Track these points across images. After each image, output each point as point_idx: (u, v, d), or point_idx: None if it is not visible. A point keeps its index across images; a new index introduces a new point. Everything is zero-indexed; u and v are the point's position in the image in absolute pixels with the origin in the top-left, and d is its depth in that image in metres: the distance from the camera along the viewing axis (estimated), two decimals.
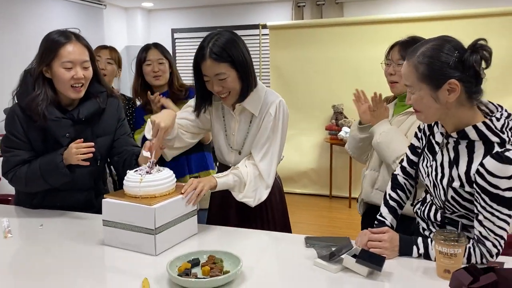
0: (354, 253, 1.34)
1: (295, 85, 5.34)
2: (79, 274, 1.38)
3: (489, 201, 1.28)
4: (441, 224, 1.46)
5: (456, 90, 1.28)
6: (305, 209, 4.96)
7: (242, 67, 1.68)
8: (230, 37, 1.68)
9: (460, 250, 1.25)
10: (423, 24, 4.71)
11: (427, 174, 1.47)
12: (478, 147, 1.32)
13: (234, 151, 1.87)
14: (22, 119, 1.82)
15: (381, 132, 1.90)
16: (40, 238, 1.68)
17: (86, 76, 1.82)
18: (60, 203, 1.94)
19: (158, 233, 1.48)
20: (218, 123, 1.89)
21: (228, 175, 1.72)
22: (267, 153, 1.77)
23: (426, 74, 1.30)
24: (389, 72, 2.00)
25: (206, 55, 1.64)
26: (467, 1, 5.00)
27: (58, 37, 1.80)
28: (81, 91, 1.82)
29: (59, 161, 1.75)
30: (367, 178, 2.06)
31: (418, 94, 1.33)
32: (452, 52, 1.28)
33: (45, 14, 4.76)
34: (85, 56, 1.83)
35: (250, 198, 1.74)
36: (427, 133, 1.51)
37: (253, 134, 1.80)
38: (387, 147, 1.87)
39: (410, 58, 1.34)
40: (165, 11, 6.34)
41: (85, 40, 1.87)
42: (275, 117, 1.77)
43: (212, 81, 1.69)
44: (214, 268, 1.30)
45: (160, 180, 1.55)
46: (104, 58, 2.60)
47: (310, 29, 5.29)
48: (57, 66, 1.77)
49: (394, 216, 1.59)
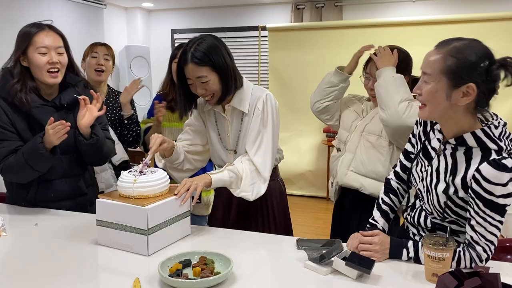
0: (344, 256, 1.36)
1: (294, 87, 5.35)
2: (71, 273, 1.39)
3: (483, 207, 1.29)
4: (431, 230, 1.47)
5: (471, 95, 1.27)
6: (301, 211, 4.97)
7: (222, 71, 1.73)
8: (211, 42, 1.72)
9: (448, 254, 1.26)
10: (422, 28, 4.72)
11: (421, 179, 1.47)
12: (476, 154, 1.32)
13: (231, 151, 1.89)
14: (7, 109, 1.86)
15: (391, 76, 1.92)
16: (34, 237, 1.69)
17: (61, 62, 1.88)
18: (54, 193, 1.97)
19: (150, 234, 1.49)
20: (212, 128, 1.93)
21: (223, 171, 1.74)
22: (260, 147, 1.80)
23: (452, 68, 1.27)
24: (369, 87, 2.04)
25: (188, 59, 1.70)
26: (467, 5, 5.03)
27: (31, 27, 1.88)
28: (58, 77, 1.89)
29: (38, 143, 1.79)
30: (344, 161, 2.11)
31: (434, 85, 1.30)
32: (484, 58, 1.26)
33: (45, 14, 4.77)
34: (59, 43, 1.89)
35: (248, 192, 1.75)
36: (423, 139, 1.51)
37: (245, 132, 1.84)
38: (393, 91, 1.88)
39: (441, 48, 1.31)
40: (165, 11, 6.35)
41: (58, 30, 1.94)
42: (263, 110, 1.81)
43: (196, 84, 1.74)
44: (205, 269, 1.31)
45: (153, 181, 1.56)
46: (102, 54, 2.62)
47: (309, 32, 5.30)
48: (32, 52, 1.84)
49: (386, 220, 1.60)
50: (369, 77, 2.04)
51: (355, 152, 2.08)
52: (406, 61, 2.03)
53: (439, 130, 1.44)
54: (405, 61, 2.03)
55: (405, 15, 5.17)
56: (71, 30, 5.04)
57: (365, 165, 2.05)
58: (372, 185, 2.02)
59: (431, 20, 4.81)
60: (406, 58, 2.04)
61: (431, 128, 1.49)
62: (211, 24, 6.03)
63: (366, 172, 2.05)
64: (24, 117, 1.87)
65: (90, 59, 2.60)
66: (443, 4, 5.14)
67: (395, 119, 1.86)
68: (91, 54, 2.60)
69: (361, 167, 2.06)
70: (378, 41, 4.95)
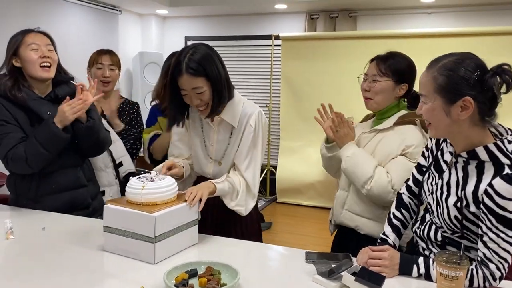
0: (354, 271, 1.33)
1: (306, 96, 5.33)
2: (76, 279, 1.38)
3: (496, 223, 1.26)
4: (441, 244, 1.44)
5: (469, 108, 1.27)
6: (310, 222, 4.92)
7: (215, 81, 1.72)
8: (205, 52, 1.71)
9: (462, 273, 1.22)
10: (438, 40, 4.67)
11: (431, 192, 1.45)
12: (488, 168, 1.30)
13: (213, 161, 1.89)
14: (7, 105, 1.93)
15: (346, 157, 1.85)
16: (41, 241, 1.69)
17: (52, 57, 1.98)
18: (55, 184, 2.00)
19: (157, 242, 1.47)
20: (196, 134, 1.92)
21: (224, 182, 1.75)
22: (250, 163, 1.82)
23: (442, 87, 1.28)
24: (363, 87, 1.94)
25: (183, 70, 1.68)
26: (484, 17, 4.96)
27: (19, 34, 1.99)
28: (50, 71, 1.98)
29: (51, 123, 1.88)
30: (338, 198, 2.01)
31: (431, 104, 1.32)
32: (473, 70, 1.26)
33: (62, 19, 4.83)
34: (48, 41, 2.00)
35: (242, 206, 1.79)
36: (435, 152, 1.49)
37: (234, 145, 1.84)
38: (353, 173, 1.83)
39: (431, 68, 1.33)
40: (179, 18, 6.39)
41: (46, 32, 2.05)
42: (255, 128, 1.82)
43: (190, 95, 1.72)
44: (211, 280, 1.29)
45: (162, 188, 1.55)
46: (107, 65, 2.59)
47: (322, 41, 5.28)
48: (24, 50, 1.94)
49: (397, 235, 1.57)
50: (366, 78, 1.94)
51: (349, 190, 1.96)
52: (409, 69, 1.92)
53: (451, 143, 1.42)
54: (409, 70, 1.92)
55: (421, 26, 5.13)
56: (86, 35, 5.10)
57: (359, 205, 1.91)
58: (368, 225, 1.89)
59: (447, 32, 4.76)
60: (410, 68, 1.93)
61: (444, 141, 1.47)
62: (225, 32, 6.05)
63: (361, 212, 1.91)
64: (23, 112, 1.94)
65: (95, 70, 2.57)
66: (459, 17, 5.08)
67: (371, 198, 1.82)
68: (96, 64, 2.58)
69: (355, 206, 1.93)
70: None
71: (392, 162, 1.82)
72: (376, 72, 1.89)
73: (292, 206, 5.48)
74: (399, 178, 1.76)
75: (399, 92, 1.90)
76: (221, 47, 5.99)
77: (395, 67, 1.88)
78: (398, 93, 1.90)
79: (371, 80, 1.90)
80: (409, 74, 1.92)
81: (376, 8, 5.32)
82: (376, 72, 1.89)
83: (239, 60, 6.01)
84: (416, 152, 1.78)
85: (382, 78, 1.88)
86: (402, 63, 1.90)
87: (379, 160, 1.85)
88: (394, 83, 1.88)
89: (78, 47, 4.75)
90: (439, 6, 5.06)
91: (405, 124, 1.85)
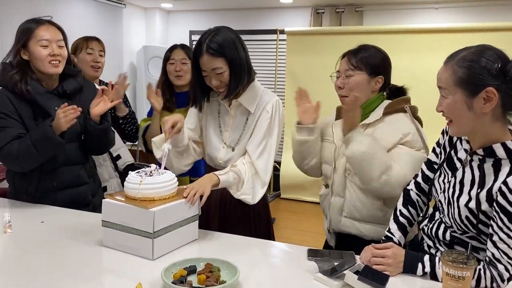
0: (357, 270, 1.29)
1: (311, 91, 5.16)
2: (74, 274, 1.35)
3: (507, 222, 1.22)
4: (450, 244, 1.40)
5: (493, 100, 1.22)
6: (314, 218, 4.88)
7: (234, 63, 1.71)
8: (226, 34, 1.73)
9: (469, 273, 1.18)
10: (445, 36, 4.59)
11: (443, 190, 1.40)
12: (504, 166, 1.26)
13: (227, 147, 1.85)
14: (12, 98, 1.89)
15: (365, 142, 1.67)
16: (40, 235, 1.66)
17: (62, 54, 1.93)
18: (57, 182, 1.98)
19: (156, 237, 1.44)
20: (213, 119, 1.89)
21: (229, 173, 1.70)
22: (264, 151, 1.77)
23: (464, 79, 1.24)
24: (337, 85, 1.84)
25: (203, 51, 1.69)
26: (492, 13, 4.89)
27: (31, 23, 1.92)
28: (59, 67, 1.93)
29: (47, 127, 1.82)
30: (334, 205, 1.85)
31: (452, 98, 1.27)
32: (494, 60, 1.22)
33: (66, 12, 4.81)
34: (59, 36, 1.94)
35: (248, 195, 1.73)
36: (447, 149, 1.45)
37: (249, 131, 1.81)
38: (372, 159, 1.64)
39: (448, 61, 1.28)
40: (183, 12, 6.35)
41: (58, 24, 1.99)
42: (272, 115, 1.78)
43: (210, 76, 1.73)
44: (210, 277, 1.26)
45: (159, 183, 1.51)
46: (97, 50, 2.57)
47: (328, 36, 5.22)
48: (34, 45, 1.88)
49: (403, 233, 1.53)
50: (338, 75, 1.84)
51: (345, 195, 1.81)
52: (383, 61, 1.83)
53: (467, 140, 1.37)
54: (383, 63, 1.83)
55: (428, 22, 5.06)
56: (91, 28, 5.06)
57: (359, 210, 1.78)
58: (372, 230, 1.77)
59: (454, 27, 4.69)
60: (384, 60, 1.84)
61: (458, 138, 1.42)
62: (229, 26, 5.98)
63: (362, 217, 1.78)
64: (29, 105, 1.91)
65: (85, 55, 2.52)
66: (467, 12, 5.01)
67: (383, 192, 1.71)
68: (86, 50, 2.53)
69: (355, 212, 1.79)
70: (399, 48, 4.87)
71: (395, 154, 1.70)
72: (348, 66, 1.80)
73: (295, 202, 5.45)
74: (409, 167, 1.66)
75: (375, 86, 1.81)
76: None
77: (367, 60, 1.79)
78: (374, 87, 1.81)
79: (344, 76, 1.81)
80: (383, 66, 1.83)
81: (383, 3, 5.26)
82: (348, 67, 1.80)
83: None
84: (414, 140, 1.70)
85: (355, 72, 1.78)
86: (374, 55, 1.81)
87: None
88: (369, 76, 1.79)
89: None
90: (447, 1, 4.99)
91: (395, 113, 1.77)
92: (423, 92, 4.74)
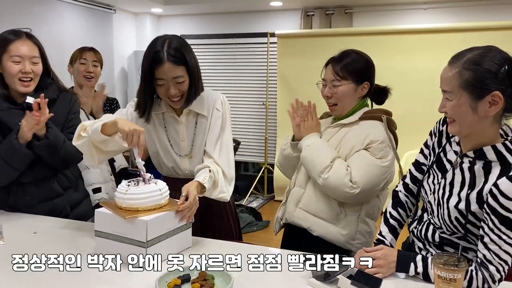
0: (350, 274, 1.30)
1: (302, 94, 5.20)
2: (68, 284, 1.35)
3: (498, 224, 1.23)
4: (439, 245, 1.41)
5: (498, 103, 1.22)
6: None
7: (193, 71, 1.70)
8: (181, 41, 1.71)
9: (460, 275, 1.20)
10: (434, 36, 4.64)
11: (432, 192, 1.41)
12: (494, 168, 1.27)
13: (184, 156, 1.84)
14: None
15: (306, 145, 1.81)
16: (32, 245, 1.65)
17: (34, 71, 1.89)
18: (29, 196, 1.96)
19: (149, 246, 1.44)
20: (160, 133, 1.85)
21: (210, 179, 1.69)
22: (222, 148, 1.79)
23: (470, 82, 1.22)
24: (325, 94, 1.87)
25: (164, 58, 1.63)
26: (480, 12, 4.94)
27: (8, 34, 1.89)
28: (30, 85, 1.89)
29: (13, 139, 1.80)
30: (293, 195, 1.91)
31: (457, 101, 1.26)
32: (501, 63, 1.21)
33: (56, 18, 4.78)
34: (35, 53, 1.90)
35: (224, 193, 1.75)
36: (437, 150, 1.45)
37: (203, 134, 1.81)
38: (312, 161, 1.78)
39: (454, 62, 1.26)
40: (174, 17, 6.34)
41: (36, 39, 1.94)
42: (223, 112, 1.81)
43: (168, 85, 1.67)
44: (204, 285, 1.26)
45: (143, 194, 1.49)
46: (91, 60, 2.63)
47: (318, 38, 5.24)
48: (6, 60, 1.85)
49: (394, 235, 1.54)
50: (325, 84, 1.87)
51: (306, 187, 1.87)
52: (367, 66, 1.86)
53: (457, 142, 1.38)
54: (367, 68, 1.86)
55: (417, 22, 5.09)
56: (81, 34, 5.05)
57: (315, 204, 1.83)
58: (322, 227, 1.82)
59: (443, 28, 4.74)
60: (367, 64, 1.86)
61: (448, 140, 1.43)
62: (220, 30, 6.00)
63: (316, 211, 1.83)
64: None
65: (78, 65, 2.60)
66: (455, 12, 5.06)
67: (327, 191, 1.78)
68: (79, 60, 2.60)
69: (311, 205, 1.84)
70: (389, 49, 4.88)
71: (354, 156, 1.77)
72: (334, 76, 1.82)
73: None
74: (359, 171, 1.72)
75: (361, 92, 1.86)
76: (216, 45, 5.93)
77: (351, 68, 1.81)
78: (361, 93, 1.86)
79: (331, 85, 1.84)
80: (367, 71, 1.86)
81: (372, 4, 5.30)
82: (334, 77, 1.82)
83: (234, 58, 5.96)
84: (380, 148, 1.74)
85: (341, 82, 1.81)
86: (358, 62, 1.83)
87: (343, 154, 1.80)
88: (355, 84, 1.82)
89: (72, 47, 4.63)
90: (435, 1, 5.04)
91: (371, 120, 1.82)
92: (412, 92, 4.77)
